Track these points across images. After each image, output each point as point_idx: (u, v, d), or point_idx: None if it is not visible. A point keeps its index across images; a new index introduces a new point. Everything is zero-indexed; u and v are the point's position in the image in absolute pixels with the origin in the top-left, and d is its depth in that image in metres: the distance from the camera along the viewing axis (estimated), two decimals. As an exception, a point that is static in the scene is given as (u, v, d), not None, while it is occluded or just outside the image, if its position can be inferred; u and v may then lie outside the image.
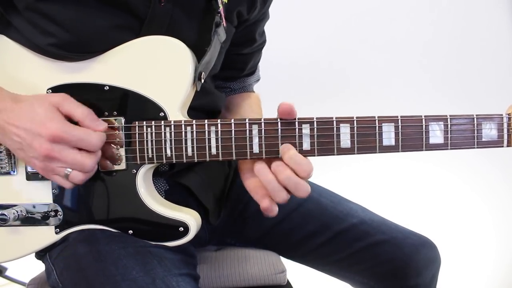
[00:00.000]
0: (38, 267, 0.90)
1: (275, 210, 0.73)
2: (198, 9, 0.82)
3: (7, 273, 1.51)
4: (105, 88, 0.76)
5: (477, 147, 0.74)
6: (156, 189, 0.82)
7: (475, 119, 0.73)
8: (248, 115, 1.00)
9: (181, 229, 0.76)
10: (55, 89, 0.76)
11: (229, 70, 1.02)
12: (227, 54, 0.94)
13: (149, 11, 0.76)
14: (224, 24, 0.83)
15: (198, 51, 0.79)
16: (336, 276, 1.05)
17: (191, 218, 0.77)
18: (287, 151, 0.71)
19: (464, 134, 0.73)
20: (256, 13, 0.94)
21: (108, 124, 0.74)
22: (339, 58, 1.77)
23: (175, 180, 0.88)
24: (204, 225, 0.83)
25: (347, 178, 1.77)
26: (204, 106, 0.87)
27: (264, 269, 0.97)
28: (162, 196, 0.82)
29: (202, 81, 0.79)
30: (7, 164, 0.78)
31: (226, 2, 0.84)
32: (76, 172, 0.70)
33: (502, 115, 0.73)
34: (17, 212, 0.76)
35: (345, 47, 1.77)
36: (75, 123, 0.71)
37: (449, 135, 0.73)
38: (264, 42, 1.06)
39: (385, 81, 1.80)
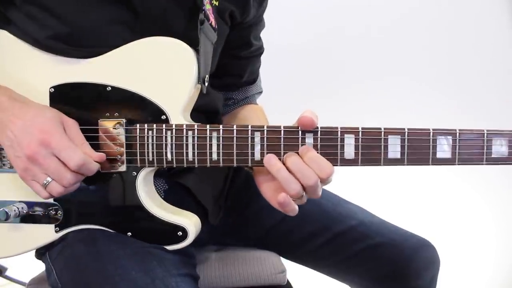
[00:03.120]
0: (38, 267, 0.90)
1: (294, 206, 0.71)
2: (188, 6, 0.81)
3: (7, 273, 1.52)
4: (107, 88, 0.75)
5: (486, 163, 0.71)
6: (156, 189, 0.81)
7: (486, 134, 0.70)
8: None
9: (180, 233, 0.76)
10: (58, 87, 0.76)
11: (228, 77, 1.01)
12: (225, 57, 0.93)
13: (143, 5, 0.76)
14: (213, 24, 0.82)
15: None
16: (336, 277, 1.04)
17: (190, 223, 0.76)
18: (307, 152, 0.70)
19: (473, 149, 0.71)
20: (251, 17, 0.94)
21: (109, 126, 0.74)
22: (338, 57, 1.76)
23: (174, 180, 0.88)
24: (203, 225, 0.83)
25: (347, 180, 1.74)
26: (202, 107, 0.85)
27: (264, 269, 0.96)
28: (161, 196, 0.82)
29: (206, 84, 0.77)
30: (10, 161, 0.78)
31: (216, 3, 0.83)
32: (54, 183, 0.69)
33: (514, 131, 0.71)
34: (18, 209, 0.76)
35: (345, 47, 1.76)
36: None
37: (457, 150, 0.71)
38: (261, 48, 1.05)
39: (385, 81, 1.78)
